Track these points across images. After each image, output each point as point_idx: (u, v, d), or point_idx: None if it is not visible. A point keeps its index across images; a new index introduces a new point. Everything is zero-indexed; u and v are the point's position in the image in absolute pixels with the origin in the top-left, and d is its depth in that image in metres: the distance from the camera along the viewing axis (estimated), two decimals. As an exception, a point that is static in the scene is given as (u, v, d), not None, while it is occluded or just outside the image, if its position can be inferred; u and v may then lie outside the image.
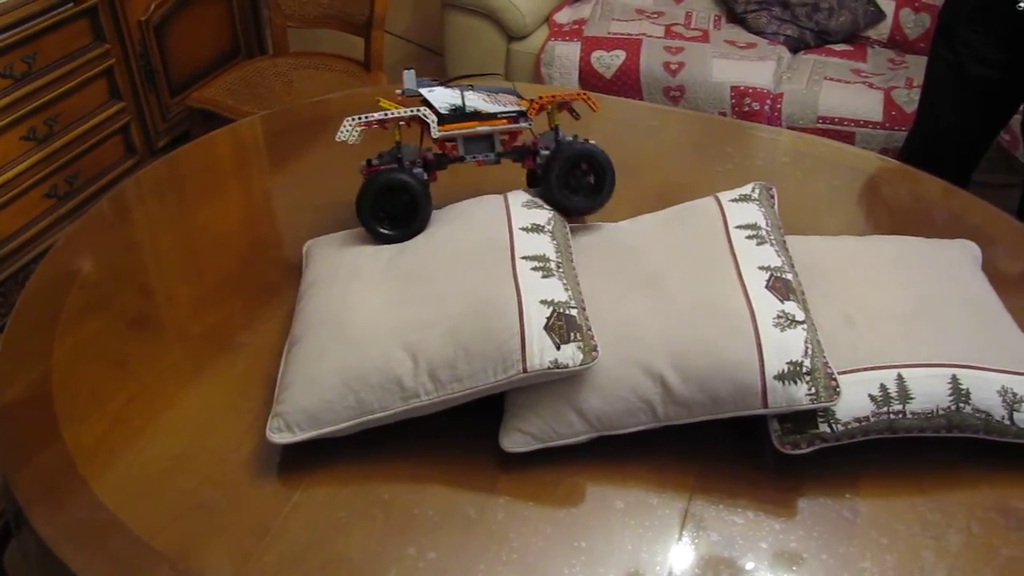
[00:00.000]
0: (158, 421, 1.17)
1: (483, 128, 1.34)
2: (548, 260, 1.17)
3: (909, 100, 2.56)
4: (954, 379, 1.09)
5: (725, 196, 1.30)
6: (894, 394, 1.07)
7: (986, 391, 1.09)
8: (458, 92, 1.34)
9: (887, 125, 2.57)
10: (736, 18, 3.02)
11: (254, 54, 3.13)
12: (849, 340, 1.13)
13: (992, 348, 1.14)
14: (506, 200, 1.30)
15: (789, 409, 1.06)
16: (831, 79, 2.70)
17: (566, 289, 1.14)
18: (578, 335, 1.07)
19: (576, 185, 1.35)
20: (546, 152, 1.35)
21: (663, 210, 1.33)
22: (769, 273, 1.15)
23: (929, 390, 1.08)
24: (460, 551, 1.01)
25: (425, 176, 1.33)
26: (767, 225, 1.24)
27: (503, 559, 1.00)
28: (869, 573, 1.00)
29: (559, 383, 1.09)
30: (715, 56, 2.76)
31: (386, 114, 1.31)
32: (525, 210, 1.27)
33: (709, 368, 1.07)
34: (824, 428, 1.07)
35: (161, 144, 2.78)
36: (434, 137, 1.32)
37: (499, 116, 1.34)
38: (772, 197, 1.32)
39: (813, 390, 1.05)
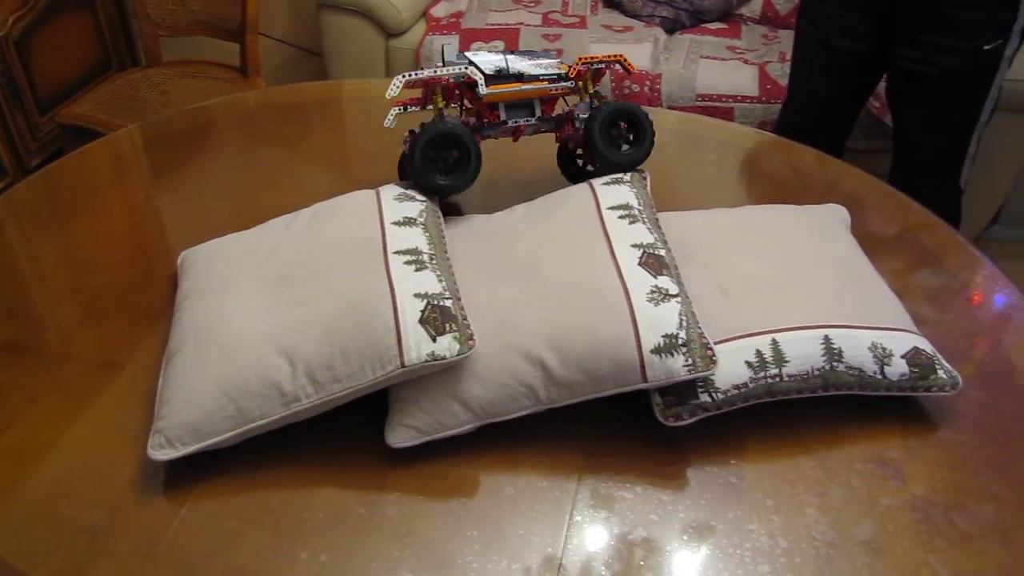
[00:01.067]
0: (36, 449, 1.13)
1: (528, 87, 1.38)
2: (421, 253, 1.17)
3: (783, 74, 2.63)
4: (826, 339, 1.12)
5: (598, 181, 1.31)
6: (770, 359, 1.10)
7: (857, 348, 1.12)
8: (501, 55, 1.38)
9: (763, 99, 2.64)
10: (612, 3, 3.05)
11: (126, 66, 3.05)
12: (723, 309, 1.15)
13: (861, 307, 1.18)
14: (378, 195, 1.29)
15: (668, 382, 1.07)
16: (707, 57, 2.75)
17: (440, 280, 1.13)
18: (453, 326, 1.07)
19: (618, 140, 1.39)
20: (584, 116, 1.40)
21: (537, 199, 1.34)
22: (642, 250, 1.16)
23: (803, 352, 1.11)
24: (353, 551, 1.00)
25: (467, 128, 1.35)
26: (639, 205, 1.25)
27: (395, 555, 1.00)
28: (756, 534, 1.02)
29: (440, 375, 1.08)
30: (592, 41, 2.79)
31: (435, 71, 1.33)
32: (397, 203, 1.27)
33: (587, 348, 1.07)
34: (705, 398, 1.09)
35: (34, 164, 2.69)
36: (480, 95, 1.34)
37: (541, 78, 1.38)
38: (645, 180, 1.34)
39: (690, 361, 1.07)
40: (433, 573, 0.98)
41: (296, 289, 1.15)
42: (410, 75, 1.32)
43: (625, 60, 1.43)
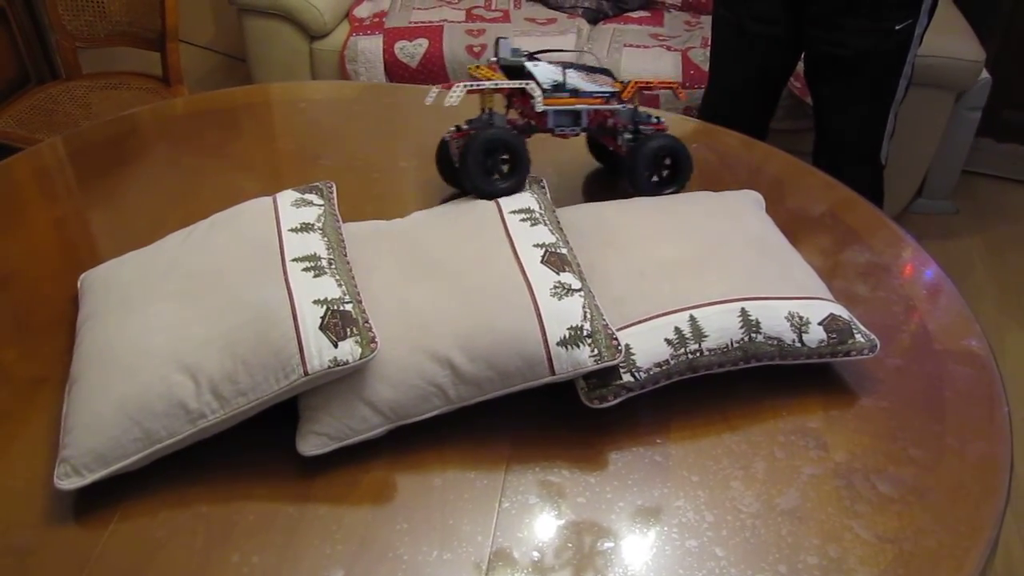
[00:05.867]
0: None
1: (581, 106, 1.42)
2: (319, 259, 1.16)
3: (705, 59, 2.67)
4: (743, 312, 1.14)
5: None
6: (688, 335, 1.12)
7: (774, 319, 1.15)
8: (560, 69, 1.41)
9: (688, 84, 2.67)
10: (535, -4, 3.07)
11: (46, 80, 3.00)
12: (641, 291, 1.17)
13: (777, 279, 1.20)
14: (275, 201, 1.28)
15: (576, 374, 1.09)
16: (630, 45, 2.78)
17: (339, 285, 1.13)
18: (354, 329, 1.07)
19: (655, 170, 1.45)
20: (628, 136, 1.46)
21: (441, 204, 1.35)
22: (544, 249, 1.17)
23: (721, 325, 1.13)
24: (284, 550, 1.00)
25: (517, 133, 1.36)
26: (540, 208, 1.27)
27: (327, 552, 1.00)
28: (683, 510, 1.04)
29: (348, 379, 1.08)
30: (517, 34, 2.81)
31: (496, 84, 1.35)
32: (294, 209, 1.25)
33: (494, 344, 1.08)
34: (628, 378, 1.10)
35: (-47, 183, 2.63)
36: (538, 110, 1.37)
37: (595, 95, 1.42)
38: (543, 187, 1.38)
39: (596, 351, 1.08)
40: (365, 567, 0.98)
41: (196, 304, 1.12)
42: (472, 85, 1.33)
43: (677, 87, 1.50)
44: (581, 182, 1.63)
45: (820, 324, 1.16)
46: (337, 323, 1.07)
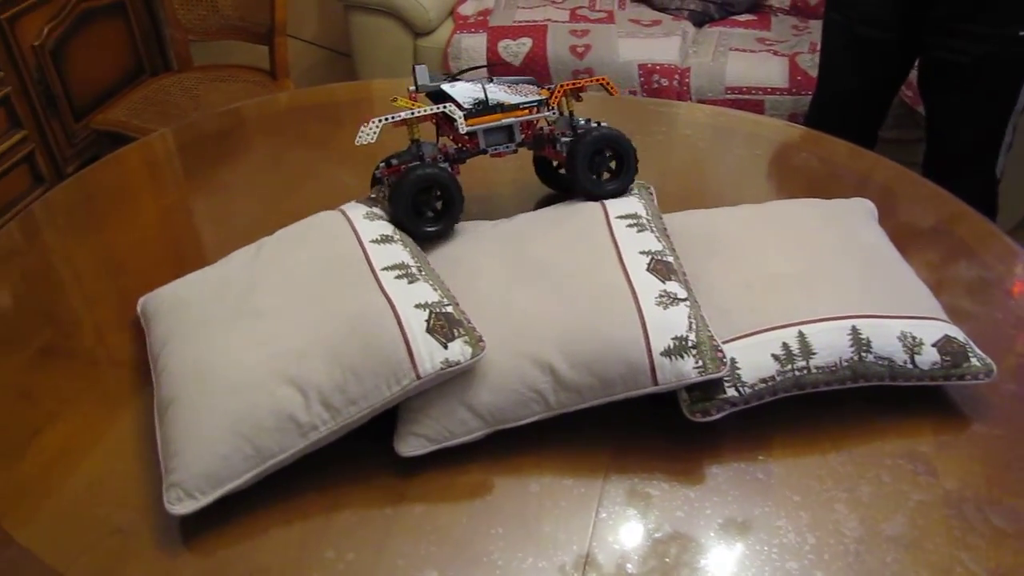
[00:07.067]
0: (70, 450, 1.14)
1: (508, 120, 1.34)
2: (408, 266, 1.16)
3: (813, 65, 2.60)
4: (854, 330, 1.11)
5: None
6: (796, 351, 1.09)
7: (886, 338, 1.11)
8: (479, 85, 1.33)
9: (793, 91, 2.61)
10: (639, -3, 3.04)
11: (159, 71, 3.09)
12: (748, 303, 1.14)
13: (889, 296, 1.16)
14: (346, 215, 1.27)
15: (679, 385, 1.07)
16: (736, 49, 2.74)
17: (435, 290, 1.12)
18: (461, 330, 1.07)
19: (600, 168, 1.35)
20: (566, 140, 1.36)
21: (546, 207, 1.33)
22: (650, 257, 1.16)
23: (831, 343, 1.10)
24: (379, 549, 1.01)
25: (449, 170, 1.32)
26: (647, 215, 1.25)
27: (422, 552, 1.00)
28: (785, 531, 1.01)
29: (448, 382, 1.07)
30: (621, 36, 2.78)
31: (412, 113, 1.29)
32: (368, 222, 1.25)
33: (596, 351, 1.07)
34: (732, 392, 1.08)
35: (70, 170, 2.74)
36: (462, 132, 1.31)
37: (521, 107, 1.35)
38: (651, 193, 1.35)
39: (700, 363, 1.06)
40: (459, 570, 0.98)
41: (285, 318, 1.12)
42: (388, 119, 1.28)
43: (608, 83, 1.39)
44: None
45: (934, 346, 1.11)
46: (443, 325, 1.06)
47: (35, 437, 1.16)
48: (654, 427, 1.14)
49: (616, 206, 1.26)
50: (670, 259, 1.17)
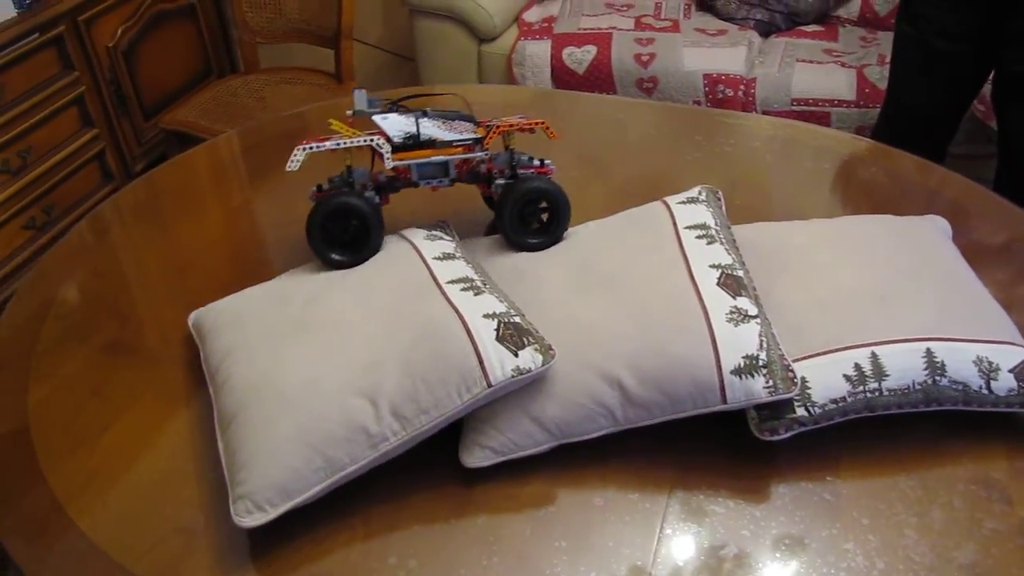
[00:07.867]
0: (137, 447, 1.16)
1: (437, 158, 1.31)
2: (473, 280, 1.16)
3: (881, 77, 2.56)
4: (928, 352, 1.08)
5: (673, 199, 1.29)
6: (869, 372, 1.07)
7: (962, 362, 1.09)
8: (412, 119, 1.29)
9: (861, 103, 2.57)
10: (705, 5, 3.02)
11: (225, 73, 3.13)
12: (821, 322, 1.12)
13: (965, 319, 1.14)
14: (407, 237, 1.28)
15: (748, 403, 1.05)
16: (803, 60, 2.70)
17: (501, 301, 1.12)
18: (530, 339, 1.07)
19: (531, 218, 1.31)
20: (501, 182, 1.32)
21: (611, 216, 1.32)
22: (720, 271, 1.14)
23: (904, 365, 1.08)
24: (440, 559, 1.01)
25: (377, 200, 1.31)
26: (716, 225, 1.23)
27: (483, 563, 1.00)
28: (852, 554, 0.99)
29: (515, 394, 1.07)
30: (686, 45, 2.76)
31: (338, 144, 1.28)
32: (430, 242, 1.26)
33: (666, 368, 1.06)
34: (801, 412, 1.06)
35: (138, 169, 2.78)
36: (387, 167, 1.29)
37: (454, 144, 1.31)
38: (719, 199, 1.32)
39: (771, 382, 1.04)
40: (521, 582, 0.98)
41: (351, 331, 1.12)
42: (313, 147, 1.27)
43: (547, 127, 1.35)
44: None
45: (1011, 371, 1.09)
46: (512, 333, 1.06)
47: (104, 434, 1.18)
48: (718, 443, 1.12)
49: (684, 215, 1.25)
50: (740, 273, 1.15)
